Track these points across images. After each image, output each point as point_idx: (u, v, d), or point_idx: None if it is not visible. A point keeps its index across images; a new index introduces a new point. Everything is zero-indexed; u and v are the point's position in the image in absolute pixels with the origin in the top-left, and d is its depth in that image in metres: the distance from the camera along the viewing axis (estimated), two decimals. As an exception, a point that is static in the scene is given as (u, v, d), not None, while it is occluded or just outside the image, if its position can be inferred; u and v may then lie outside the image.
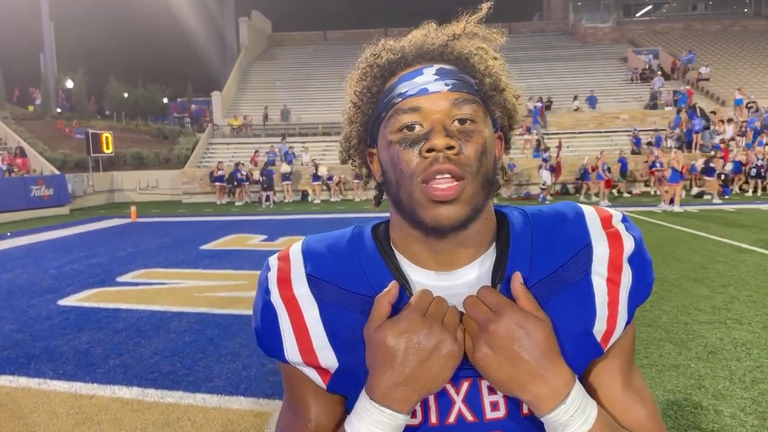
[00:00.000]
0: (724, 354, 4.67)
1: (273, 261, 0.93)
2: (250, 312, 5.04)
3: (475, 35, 0.91)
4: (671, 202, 16.07)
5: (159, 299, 6.99)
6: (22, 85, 40.86)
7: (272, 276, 0.90)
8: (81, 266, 9.38)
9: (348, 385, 0.86)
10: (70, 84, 40.35)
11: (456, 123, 0.83)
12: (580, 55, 37.38)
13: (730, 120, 24.03)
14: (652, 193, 20.60)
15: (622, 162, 21.06)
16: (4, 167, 20.06)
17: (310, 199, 22.83)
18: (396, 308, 0.82)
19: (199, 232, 13.75)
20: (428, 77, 0.85)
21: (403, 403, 0.78)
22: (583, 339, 0.85)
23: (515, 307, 0.80)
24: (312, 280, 0.88)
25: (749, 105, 25.45)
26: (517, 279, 0.83)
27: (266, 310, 0.90)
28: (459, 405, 0.85)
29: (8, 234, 14.21)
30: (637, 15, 46.83)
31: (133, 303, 6.80)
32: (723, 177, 19.67)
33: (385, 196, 0.93)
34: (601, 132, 26.49)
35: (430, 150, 0.80)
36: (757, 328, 5.29)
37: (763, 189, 19.73)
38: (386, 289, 0.83)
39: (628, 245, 0.89)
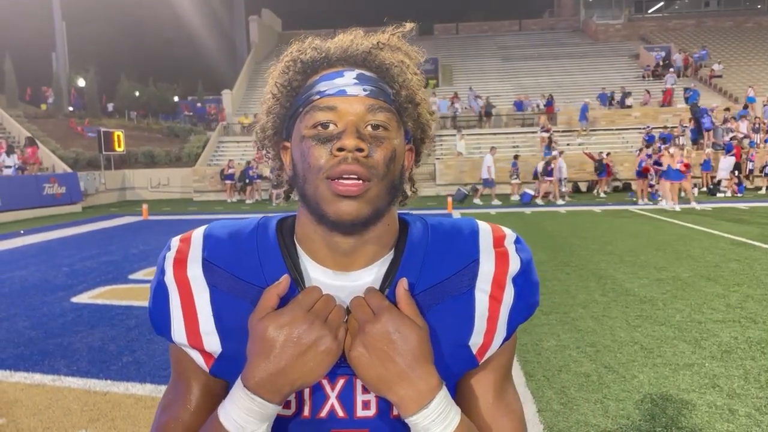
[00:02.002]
0: (738, 353, 4.64)
1: (175, 242, 0.95)
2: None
3: (398, 49, 0.93)
4: (673, 199, 16.02)
5: (171, 297, 7.01)
6: (35, 84, 41.16)
7: (170, 256, 0.92)
8: (93, 264, 9.44)
9: (230, 371, 0.87)
10: (82, 83, 40.61)
11: (369, 128, 0.85)
12: (591, 53, 37.16)
13: (743, 117, 23.81)
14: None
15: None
16: (18, 164, 20.19)
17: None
18: (284, 302, 0.83)
19: (210, 230, 13.78)
20: (348, 80, 0.87)
21: (275, 393, 0.80)
22: (459, 350, 0.89)
23: (395, 310, 0.82)
24: (207, 265, 0.90)
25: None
26: (401, 284, 0.86)
27: (159, 289, 0.91)
28: (332, 400, 0.88)
29: (21, 232, 14.33)
30: (649, 11, 46.44)
31: (146, 300, 6.79)
32: (737, 173, 19.52)
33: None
34: (612, 129, 26.32)
35: (340, 149, 0.82)
36: (772, 327, 5.24)
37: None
38: (277, 282, 0.85)
39: (514, 265, 0.92)
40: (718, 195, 19.00)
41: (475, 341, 0.89)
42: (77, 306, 6.68)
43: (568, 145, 24.91)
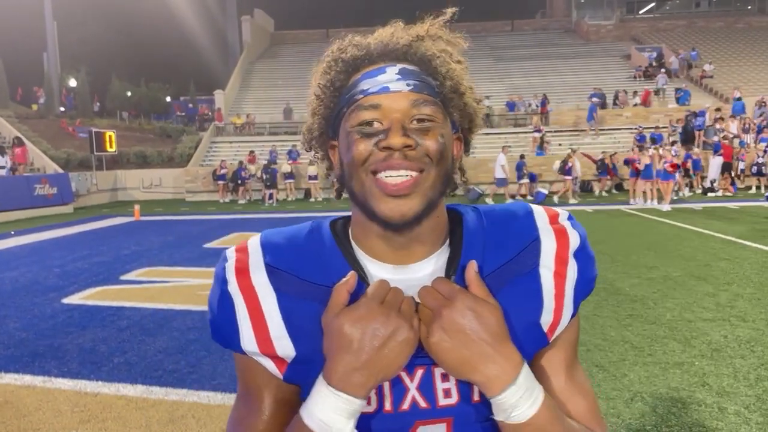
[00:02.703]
0: (728, 351, 4.67)
1: (230, 253, 0.93)
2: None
3: (439, 38, 0.92)
4: (660, 199, 16.25)
5: (163, 297, 7.00)
6: (26, 85, 40.93)
7: (230, 266, 0.91)
8: (85, 265, 9.40)
9: (304, 374, 0.87)
10: (73, 83, 40.41)
11: (414, 122, 0.85)
12: (582, 53, 37.26)
13: (732, 117, 23.96)
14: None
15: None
16: (10, 165, 20.08)
17: (312, 197, 22.85)
18: (354, 298, 0.83)
19: (202, 231, 13.77)
20: (390, 76, 0.87)
21: (360, 388, 0.79)
22: (531, 328, 0.88)
23: (467, 293, 0.83)
24: (270, 270, 0.89)
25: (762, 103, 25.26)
26: (471, 267, 0.86)
27: (223, 300, 0.90)
28: (413, 392, 0.87)
29: (12, 233, 14.25)
30: (640, 12, 46.63)
31: (137, 301, 6.81)
32: (730, 173, 19.64)
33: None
34: (603, 129, 26.41)
35: (386, 148, 0.82)
36: (761, 326, 5.28)
37: (766, 186, 19.67)
38: (345, 279, 0.85)
39: (574, 241, 0.93)
40: (709, 195, 19.10)
41: (546, 319, 0.89)
42: (68, 307, 6.65)
43: (560, 145, 24.99)
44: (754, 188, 19.89)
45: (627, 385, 4.07)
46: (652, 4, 47.36)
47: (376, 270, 0.90)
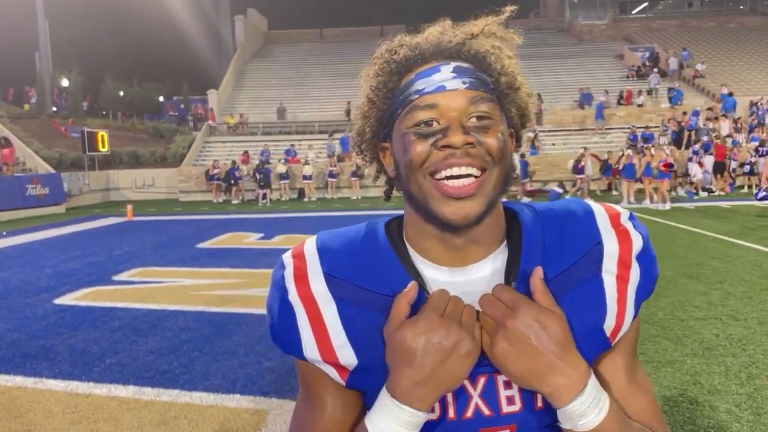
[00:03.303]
0: (719, 350, 4.69)
1: (288, 259, 0.92)
2: (246, 310, 5.04)
3: (492, 34, 0.91)
4: (651, 199, 16.42)
5: (155, 298, 6.98)
6: (18, 84, 40.72)
7: (288, 274, 0.90)
8: (77, 265, 9.36)
9: (367, 381, 0.87)
10: (65, 83, 40.23)
11: (473, 120, 0.84)
12: (576, 53, 37.36)
13: (724, 116, 24.07)
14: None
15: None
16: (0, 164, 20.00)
17: (306, 197, 22.82)
18: (415, 308, 0.83)
19: (195, 231, 13.73)
20: (445, 74, 0.85)
21: (423, 401, 0.80)
22: (594, 334, 0.87)
23: (530, 302, 0.81)
24: (329, 279, 0.88)
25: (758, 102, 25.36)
26: (537, 274, 0.84)
27: (284, 308, 0.90)
28: (476, 400, 0.87)
29: (4, 233, 14.18)
30: (633, 12, 46.79)
31: (130, 302, 6.79)
32: (729, 173, 19.73)
33: (399, 192, 0.94)
34: (597, 129, 26.47)
35: (446, 146, 0.81)
36: (752, 324, 5.30)
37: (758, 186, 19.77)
38: (405, 290, 0.84)
39: (637, 243, 0.91)
40: (701, 194, 19.17)
41: (609, 324, 0.88)
42: (60, 308, 6.62)
43: (553, 144, 25.06)
44: (746, 187, 19.98)
45: (619, 383, 4.07)
46: (645, 4, 47.53)
47: (433, 274, 0.89)
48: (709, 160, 19.83)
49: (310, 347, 0.88)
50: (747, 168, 19.96)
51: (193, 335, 5.43)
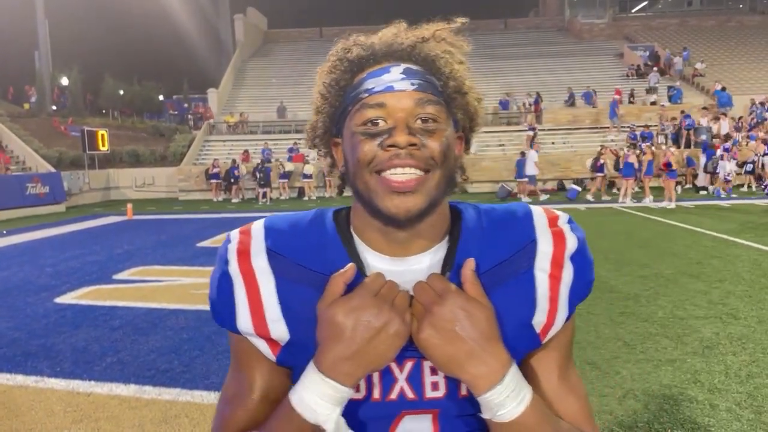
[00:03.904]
0: (719, 349, 4.69)
1: (234, 234, 0.96)
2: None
3: (443, 40, 0.94)
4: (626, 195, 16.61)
5: (156, 297, 6.98)
6: (17, 83, 40.66)
7: (232, 248, 0.93)
8: (77, 264, 9.36)
9: (297, 357, 0.89)
10: (65, 81, 40.21)
11: (419, 121, 0.86)
12: (575, 52, 37.33)
13: (724, 114, 24.06)
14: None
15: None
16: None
17: (306, 196, 22.81)
18: (350, 289, 0.85)
19: (195, 230, 13.74)
20: (395, 75, 0.88)
21: (348, 376, 0.81)
22: (523, 329, 0.90)
23: (459, 291, 0.84)
24: (271, 254, 0.91)
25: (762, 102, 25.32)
26: (468, 265, 0.87)
27: (223, 280, 0.93)
28: (401, 383, 0.89)
29: (4, 232, 14.18)
30: (633, 11, 46.78)
31: (130, 300, 6.79)
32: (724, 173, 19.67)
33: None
34: (596, 128, 26.49)
35: (391, 146, 0.83)
36: (752, 323, 5.31)
37: (757, 185, 19.74)
38: (343, 270, 0.86)
39: (571, 244, 0.94)
40: (701, 193, 19.16)
41: (539, 320, 0.90)
42: (61, 306, 6.63)
43: (552, 143, 25.06)
44: (746, 186, 19.98)
45: (619, 382, 4.09)
46: (645, 3, 47.56)
47: (375, 261, 0.91)
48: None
49: (244, 319, 0.90)
50: (749, 167, 19.93)
51: (194, 334, 5.44)
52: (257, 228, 0.95)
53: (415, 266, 0.91)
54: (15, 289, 7.58)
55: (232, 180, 22.89)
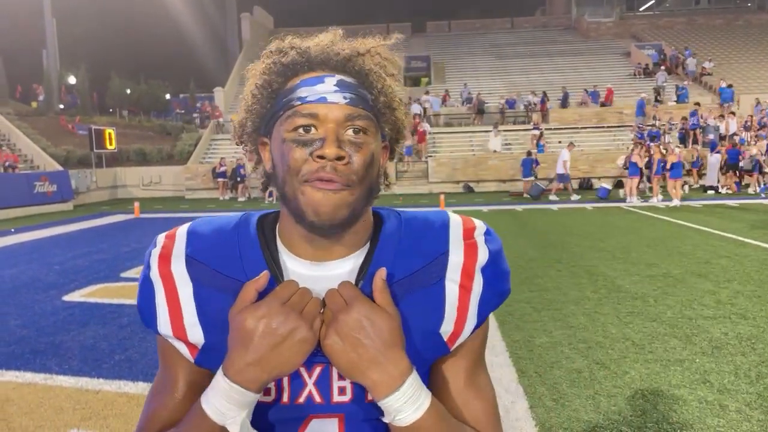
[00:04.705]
0: (728, 349, 4.67)
1: (160, 238, 1.00)
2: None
3: (378, 54, 0.96)
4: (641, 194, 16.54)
5: (163, 295, 6.99)
6: (25, 82, 40.84)
7: (155, 252, 0.97)
8: (85, 262, 9.40)
9: (214, 361, 0.90)
10: (72, 80, 40.35)
11: (349, 132, 0.88)
12: (582, 50, 37.26)
13: (732, 113, 23.94)
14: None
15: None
16: (7, 164, 20.09)
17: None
18: (263, 295, 0.87)
19: (202, 228, 13.74)
20: (329, 86, 0.89)
21: (254, 382, 0.84)
22: (430, 337, 0.93)
23: (365, 300, 0.86)
24: (189, 261, 0.94)
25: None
26: (380, 275, 0.89)
27: (145, 284, 0.97)
28: (310, 387, 0.92)
29: (12, 230, 14.25)
30: (640, 10, 46.63)
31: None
32: (736, 172, 19.58)
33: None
34: (603, 127, 26.42)
35: (321, 157, 0.86)
36: (761, 323, 5.28)
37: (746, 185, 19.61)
38: (256, 278, 0.88)
39: (482, 256, 0.96)
40: (709, 192, 19.07)
41: (446, 329, 0.93)
42: (69, 304, 6.65)
43: (559, 142, 24.98)
44: (753, 185, 19.88)
45: (628, 382, 4.07)
46: (652, 2, 47.38)
47: (294, 265, 0.94)
48: (715, 159, 19.72)
49: (163, 323, 0.94)
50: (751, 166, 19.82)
51: (202, 332, 5.44)
52: (181, 233, 0.98)
53: (334, 271, 0.93)
54: (23, 287, 7.62)
55: (239, 179, 22.93)
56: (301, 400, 0.92)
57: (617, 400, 3.80)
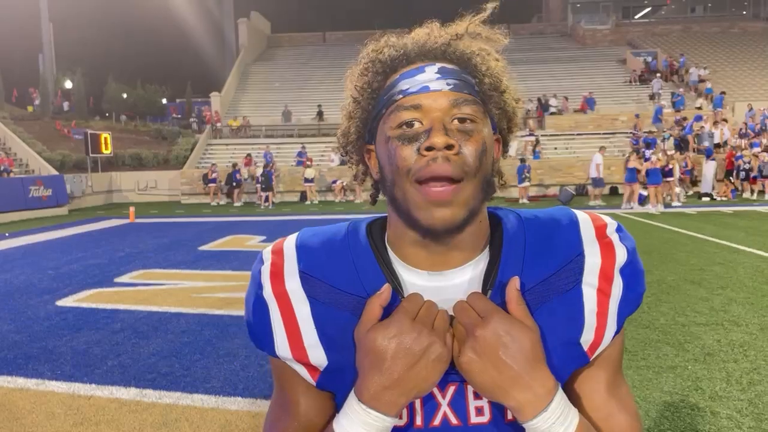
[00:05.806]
0: (721, 356, 4.68)
1: (267, 254, 0.92)
2: (248, 313, 5.01)
3: (478, 35, 0.91)
4: (640, 201, 16.75)
5: (157, 300, 6.98)
6: (21, 86, 40.83)
7: (265, 269, 0.90)
8: (79, 267, 9.37)
9: (337, 382, 0.86)
10: (69, 84, 40.31)
11: (455, 122, 0.83)
12: (578, 57, 37.40)
13: (725, 120, 24.04)
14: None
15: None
16: (2, 168, 20.05)
17: (308, 200, 22.82)
18: (388, 310, 0.82)
19: (197, 233, 13.75)
20: (430, 75, 0.84)
21: (391, 406, 0.79)
22: (570, 348, 0.86)
23: (503, 313, 0.80)
24: (304, 277, 0.87)
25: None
26: (513, 285, 0.83)
27: (258, 304, 0.90)
28: (444, 408, 0.86)
29: (6, 234, 14.20)
30: (636, 17, 46.89)
31: (131, 304, 6.80)
32: (730, 179, 19.68)
33: (382, 195, 0.93)
34: (599, 134, 26.50)
35: (429, 148, 0.80)
36: (754, 330, 5.30)
37: (760, 191, 19.70)
38: (378, 292, 0.83)
39: (621, 256, 0.89)
40: (704, 199, 19.12)
41: (586, 338, 0.86)
42: (62, 309, 6.63)
43: (555, 149, 25.08)
44: (749, 192, 19.95)
45: (620, 389, 4.07)
46: (648, 9, 47.58)
47: (411, 277, 0.88)
48: (710, 166, 19.79)
49: (282, 345, 0.88)
50: (743, 174, 19.91)
51: (195, 338, 5.44)
52: (289, 247, 0.91)
53: (455, 281, 0.87)
54: (16, 292, 7.59)
55: (234, 184, 22.92)
56: (437, 422, 0.86)
57: (609, 406, 3.79)
